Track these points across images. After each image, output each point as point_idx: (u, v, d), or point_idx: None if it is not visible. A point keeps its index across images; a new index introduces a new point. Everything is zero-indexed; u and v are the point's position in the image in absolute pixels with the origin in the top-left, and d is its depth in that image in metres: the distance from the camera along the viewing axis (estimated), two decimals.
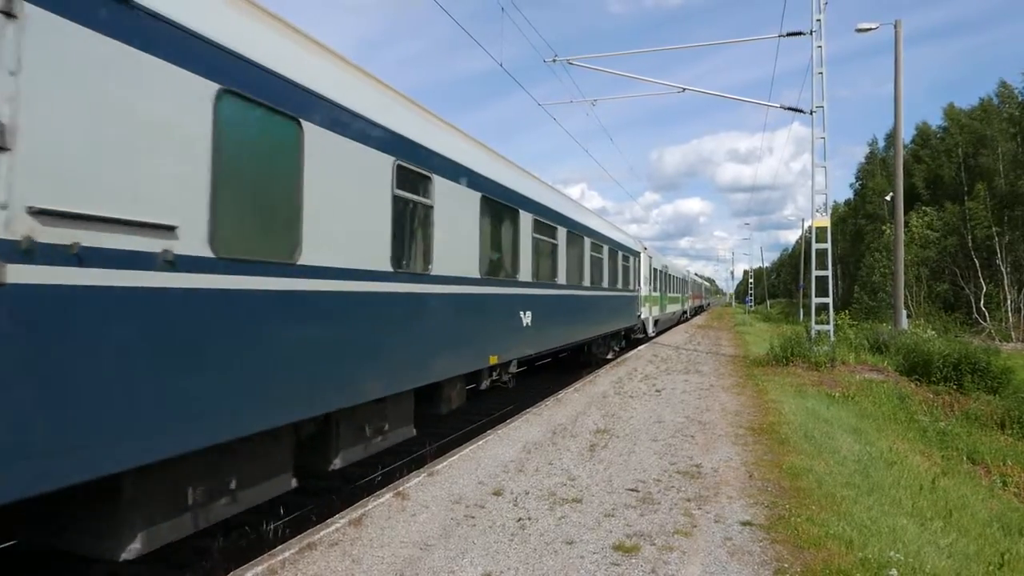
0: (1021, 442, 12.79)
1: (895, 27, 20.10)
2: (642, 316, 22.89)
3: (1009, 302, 41.83)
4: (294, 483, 5.19)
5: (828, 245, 16.76)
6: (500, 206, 9.24)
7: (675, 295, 35.25)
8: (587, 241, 14.55)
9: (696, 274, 61.96)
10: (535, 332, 10.60)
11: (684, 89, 19.55)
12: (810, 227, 17.89)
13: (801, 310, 46.14)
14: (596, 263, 15.57)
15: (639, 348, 22.00)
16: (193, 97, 3.85)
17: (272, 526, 5.80)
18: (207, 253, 3.94)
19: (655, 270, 26.50)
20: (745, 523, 5.13)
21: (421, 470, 6.62)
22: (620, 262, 18.89)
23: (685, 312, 44.76)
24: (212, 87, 3.99)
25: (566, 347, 13.65)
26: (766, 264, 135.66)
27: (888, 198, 38.68)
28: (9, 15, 2.86)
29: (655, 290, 26.56)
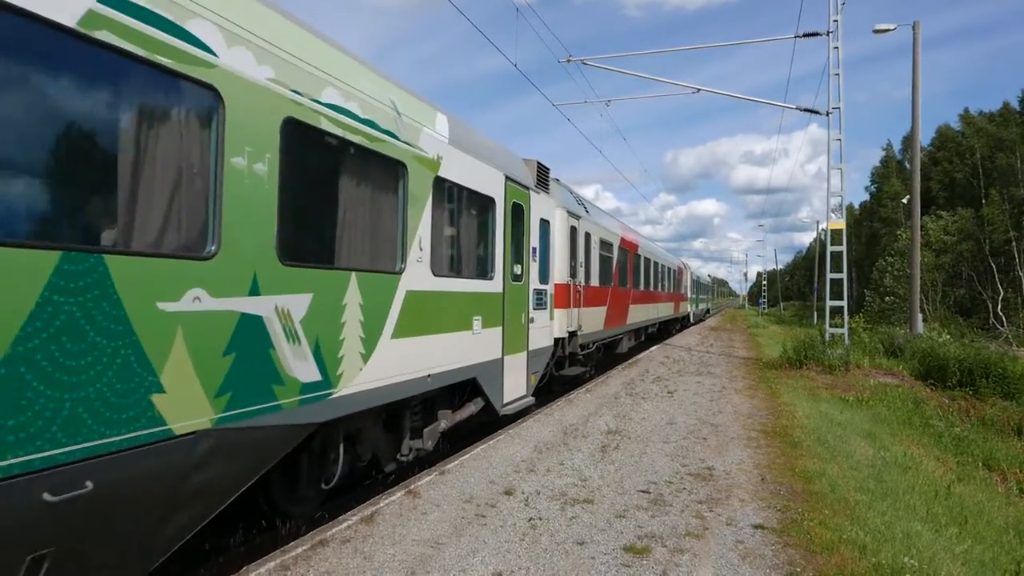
0: None
1: (913, 28, 19.88)
2: None
3: None
4: None
5: (843, 248, 16.64)
6: None
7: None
8: None
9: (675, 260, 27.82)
10: None
11: (699, 90, 19.43)
12: (825, 229, 17.74)
13: (815, 313, 45.76)
14: None
15: (651, 350, 21.92)
16: None
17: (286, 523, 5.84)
18: None
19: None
20: (757, 526, 5.11)
21: (432, 468, 6.64)
22: None
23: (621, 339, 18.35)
24: None
25: None
26: (780, 266, 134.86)
27: (905, 201, 38.29)
28: None
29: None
